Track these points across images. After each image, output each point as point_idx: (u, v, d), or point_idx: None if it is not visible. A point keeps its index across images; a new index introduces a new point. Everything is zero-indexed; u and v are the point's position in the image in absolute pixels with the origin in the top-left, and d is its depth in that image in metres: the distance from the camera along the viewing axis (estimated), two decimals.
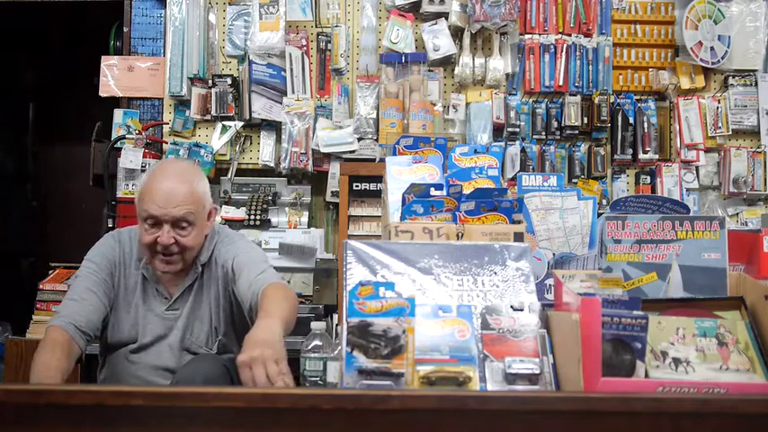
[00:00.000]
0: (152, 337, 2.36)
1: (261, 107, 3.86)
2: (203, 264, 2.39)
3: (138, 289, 2.39)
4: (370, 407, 1.23)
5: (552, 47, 3.92)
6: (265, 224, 3.75)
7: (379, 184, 2.68)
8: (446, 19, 3.85)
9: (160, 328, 2.37)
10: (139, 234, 2.34)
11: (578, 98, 3.87)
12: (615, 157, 3.91)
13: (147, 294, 2.39)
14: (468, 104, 3.88)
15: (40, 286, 3.58)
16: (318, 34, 3.95)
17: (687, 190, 3.89)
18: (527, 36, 3.93)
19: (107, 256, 2.40)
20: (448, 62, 3.90)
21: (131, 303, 2.38)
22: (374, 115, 3.81)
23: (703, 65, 3.88)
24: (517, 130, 3.85)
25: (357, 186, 3.60)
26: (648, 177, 3.91)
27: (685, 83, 3.94)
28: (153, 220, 2.27)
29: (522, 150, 3.84)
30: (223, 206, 3.80)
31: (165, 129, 3.95)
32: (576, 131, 3.87)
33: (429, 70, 3.86)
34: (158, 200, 2.25)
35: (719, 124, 3.93)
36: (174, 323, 2.37)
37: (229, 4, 3.95)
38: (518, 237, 1.69)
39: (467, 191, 1.79)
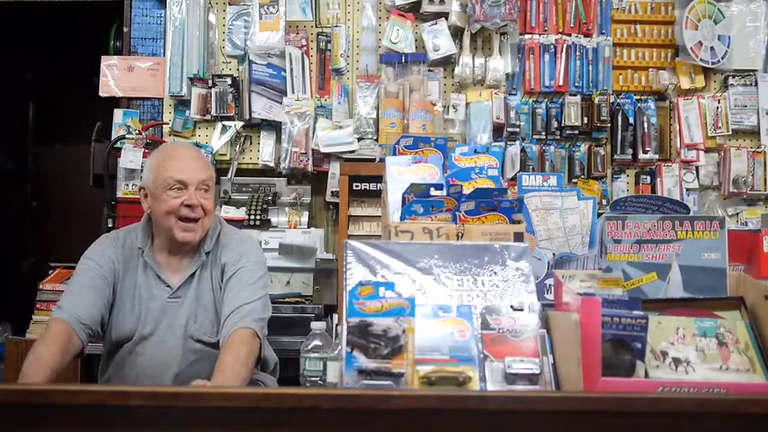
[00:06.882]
0: (155, 324, 2.38)
1: (261, 107, 3.86)
2: (207, 252, 2.41)
3: (141, 280, 2.41)
4: (371, 407, 1.23)
5: (552, 47, 3.91)
6: (265, 224, 3.75)
7: (379, 184, 2.68)
8: (446, 19, 3.84)
9: (163, 315, 2.38)
10: (158, 208, 2.38)
11: (578, 98, 3.87)
12: (615, 157, 3.91)
13: (150, 284, 2.41)
14: (468, 104, 3.88)
15: (40, 286, 3.58)
16: (318, 34, 3.95)
17: (687, 190, 3.88)
18: (527, 36, 3.93)
19: (107, 254, 2.41)
20: (448, 62, 3.89)
21: (134, 296, 2.40)
22: (374, 115, 3.81)
23: (703, 65, 3.88)
24: (517, 130, 3.85)
25: (357, 186, 3.60)
26: (648, 177, 3.91)
27: (685, 83, 3.93)
28: (180, 185, 2.36)
29: (522, 150, 3.83)
30: (223, 206, 3.80)
31: (165, 129, 3.95)
32: (576, 131, 3.87)
33: (429, 70, 3.85)
34: (183, 166, 2.38)
35: (719, 124, 3.92)
36: (177, 311, 2.38)
37: (229, 4, 3.95)
38: (518, 237, 1.70)
39: (467, 191, 1.79)
